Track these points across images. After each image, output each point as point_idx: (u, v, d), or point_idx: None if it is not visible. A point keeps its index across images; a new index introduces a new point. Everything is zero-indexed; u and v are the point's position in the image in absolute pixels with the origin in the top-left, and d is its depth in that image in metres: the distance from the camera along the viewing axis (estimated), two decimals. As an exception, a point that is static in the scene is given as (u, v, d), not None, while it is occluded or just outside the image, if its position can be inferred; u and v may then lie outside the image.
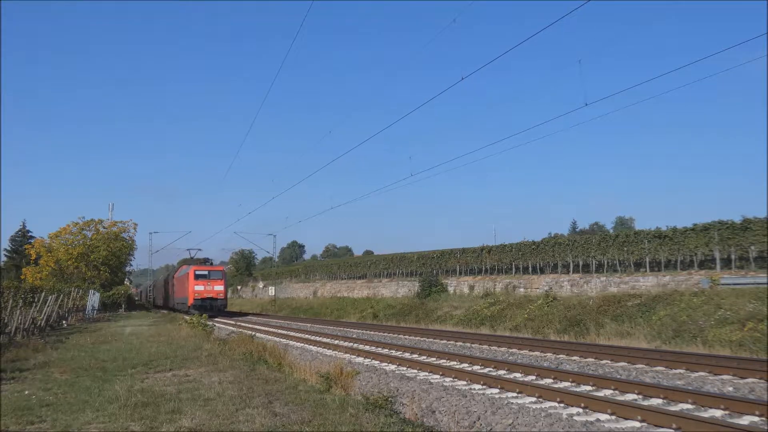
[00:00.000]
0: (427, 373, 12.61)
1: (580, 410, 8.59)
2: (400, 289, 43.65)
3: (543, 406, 8.89)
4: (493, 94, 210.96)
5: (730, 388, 10.26)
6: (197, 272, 43.13)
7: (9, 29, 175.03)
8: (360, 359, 15.21)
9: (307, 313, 47.29)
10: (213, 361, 13.13)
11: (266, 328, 29.80)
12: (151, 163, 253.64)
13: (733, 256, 25.04)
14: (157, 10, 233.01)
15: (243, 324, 34.00)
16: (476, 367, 13.27)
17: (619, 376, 11.49)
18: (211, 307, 41.85)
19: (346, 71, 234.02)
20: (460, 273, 40.56)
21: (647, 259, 28.55)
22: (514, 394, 9.92)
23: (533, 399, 9.52)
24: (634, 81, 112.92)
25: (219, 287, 43.36)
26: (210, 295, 42.56)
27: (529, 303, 26.89)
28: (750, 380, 10.80)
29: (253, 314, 50.69)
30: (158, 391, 9.28)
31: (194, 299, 41.99)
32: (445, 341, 20.54)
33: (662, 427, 7.49)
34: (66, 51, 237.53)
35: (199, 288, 42.36)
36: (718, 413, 8.20)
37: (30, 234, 70.56)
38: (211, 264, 48.06)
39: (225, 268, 59.21)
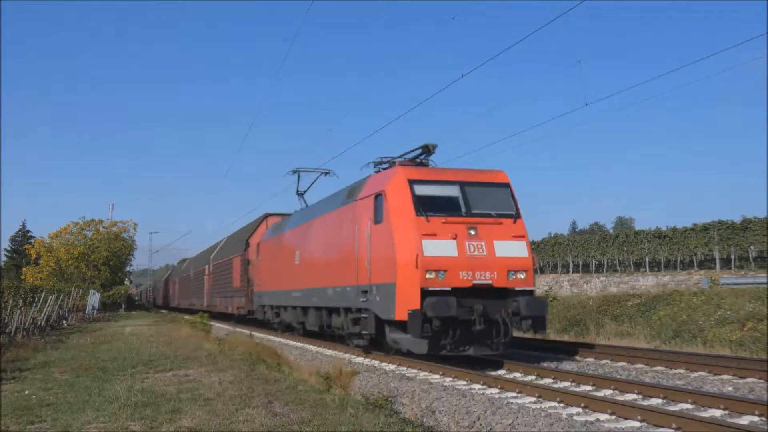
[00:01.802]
0: (427, 373, 12.59)
1: (580, 410, 8.58)
2: (400, 289, 43.59)
3: (543, 406, 8.89)
4: (493, 95, 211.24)
5: (730, 388, 10.26)
6: (421, 188, 11.46)
7: (9, 29, 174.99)
8: (359, 359, 15.19)
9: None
10: (213, 361, 13.14)
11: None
12: (151, 163, 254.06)
13: (732, 256, 25.06)
14: (158, 10, 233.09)
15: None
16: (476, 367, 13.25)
17: (618, 376, 11.49)
18: (496, 325, 11.36)
19: (346, 70, 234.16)
20: (460, 273, 40.53)
21: (647, 259, 28.56)
22: (514, 394, 9.91)
23: (533, 399, 9.51)
24: (634, 81, 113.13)
25: (518, 247, 11.50)
26: (486, 276, 11.10)
27: (529, 303, 26.85)
28: (750, 380, 10.79)
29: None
30: (158, 391, 9.29)
31: (423, 289, 10.82)
32: (445, 341, 20.50)
33: (662, 426, 7.48)
34: (66, 51, 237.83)
35: (445, 248, 10.87)
36: (718, 413, 8.20)
37: (30, 234, 70.68)
38: (434, 164, 13.26)
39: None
